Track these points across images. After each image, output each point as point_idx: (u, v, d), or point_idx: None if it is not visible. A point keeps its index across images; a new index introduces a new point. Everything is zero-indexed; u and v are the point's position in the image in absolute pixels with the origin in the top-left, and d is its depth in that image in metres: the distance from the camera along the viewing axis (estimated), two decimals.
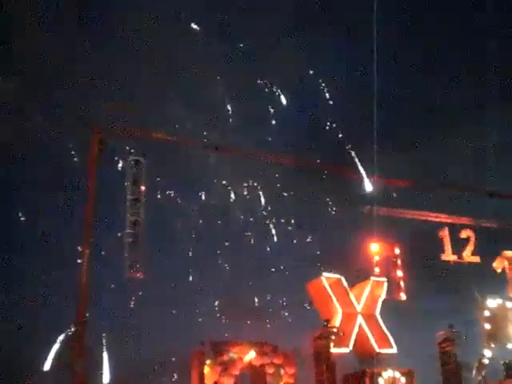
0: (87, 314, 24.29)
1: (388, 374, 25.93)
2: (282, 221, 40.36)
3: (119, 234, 27.87)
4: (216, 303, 39.60)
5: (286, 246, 39.79)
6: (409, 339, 29.58)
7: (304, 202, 38.55)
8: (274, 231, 41.18)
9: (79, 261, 25.95)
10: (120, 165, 27.69)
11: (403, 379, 25.97)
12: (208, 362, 24.81)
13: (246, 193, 41.03)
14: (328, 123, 43.30)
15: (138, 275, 25.78)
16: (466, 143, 41.74)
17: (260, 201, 41.49)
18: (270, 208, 41.32)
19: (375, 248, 29.36)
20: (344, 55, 46.11)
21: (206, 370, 24.72)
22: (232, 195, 41.16)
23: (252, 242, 42.37)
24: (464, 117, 43.06)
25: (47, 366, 26.46)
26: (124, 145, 27.88)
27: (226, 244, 41.46)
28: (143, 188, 26.83)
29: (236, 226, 42.66)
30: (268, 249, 41.30)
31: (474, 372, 28.01)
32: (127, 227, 26.17)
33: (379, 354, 26.96)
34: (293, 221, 39.82)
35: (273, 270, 39.32)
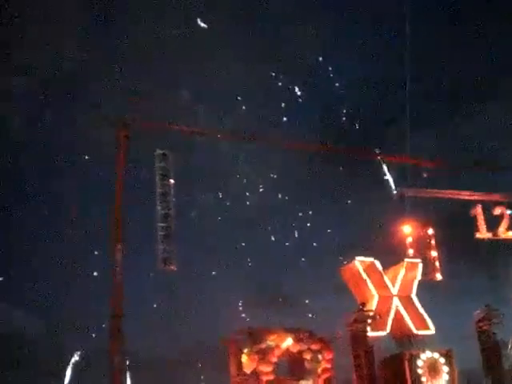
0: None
1: (426, 355, 25.78)
2: (309, 208, 40.18)
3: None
4: (240, 301, 39.66)
5: (314, 233, 39.63)
6: (446, 320, 29.30)
7: (332, 187, 38.35)
8: (300, 218, 41.08)
9: (95, 273, 26.04)
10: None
11: (442, 360, 25.83)
12: (245, 350, 24.89)
13: (268, 182, 40.84)
14: (344, 110, 43.15)
15: (172, 268, 25.82)
16: (498, 119, 41.08)
17: (283, 188, 41.29)
18: (294, 195, 41.13)
19: (408, 229, 29.15)
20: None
21: (244, 358, 24.81)
22: (255, 184, 41.01)
23: (278, 229, 42.39)
24: (495, 92, 42.37)
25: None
26: (149, 139, 28.00)
27: (249, 234, 41.55)
28: (172, 181, 26.86)
29: (261, 214, 42.72)
30: (295, 236, 41.24)
31: (509, 347, 27.76)
32: (158, 221, 26.19)
33: (417, 335, 26.77)
34: (319, 207, 39.61)
35: (302, 258, 39.16)
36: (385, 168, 31.07)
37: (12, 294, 36.42)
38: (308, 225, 40.94)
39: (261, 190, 40.96)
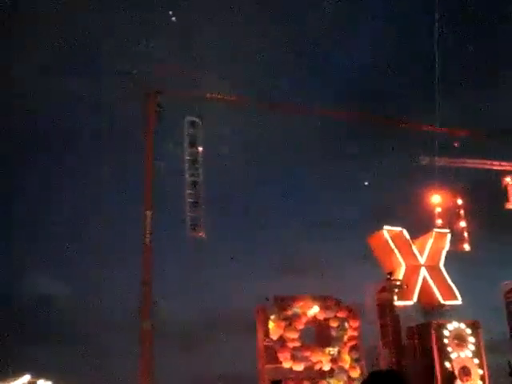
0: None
1: (453, 325, 25.77)
2: (339, 175, 39.84)
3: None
4: (274, 261, 39.82)
5: (344, 201, 39.41)
6: (474, 290, 29.13)
7: (360, 155, 37.96)
8: (328, 188, 40.85)
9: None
10: None
11: (469, 330, 25.80)
12: (272, 317, 25.22)
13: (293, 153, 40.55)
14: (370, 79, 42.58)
15: (200, 234, 26.12)
16: None
17: (308, 160, 40.98)
18: (320, 167, 40.82)
19: (437, 199, 28.95)
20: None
21: (271, 325, 25.15)
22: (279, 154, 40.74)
23: (309, 196, 42.31)
24: None
25: None
26: (180, 107, 28.00)
27: (281, 201, 41.56)
28: (201, 149, 26.93)
29: (291, 181, 42.67)
30: (323, 206, 41.13)
31: None
32: (187, 188, 26.44)
33: (444, 305, 26.78)
34: (349, 175, 39.24)
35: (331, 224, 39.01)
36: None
37: (41, 260, 37.23)
38: (337, 195, 40.71)
39: (285, 161, 40.61)
